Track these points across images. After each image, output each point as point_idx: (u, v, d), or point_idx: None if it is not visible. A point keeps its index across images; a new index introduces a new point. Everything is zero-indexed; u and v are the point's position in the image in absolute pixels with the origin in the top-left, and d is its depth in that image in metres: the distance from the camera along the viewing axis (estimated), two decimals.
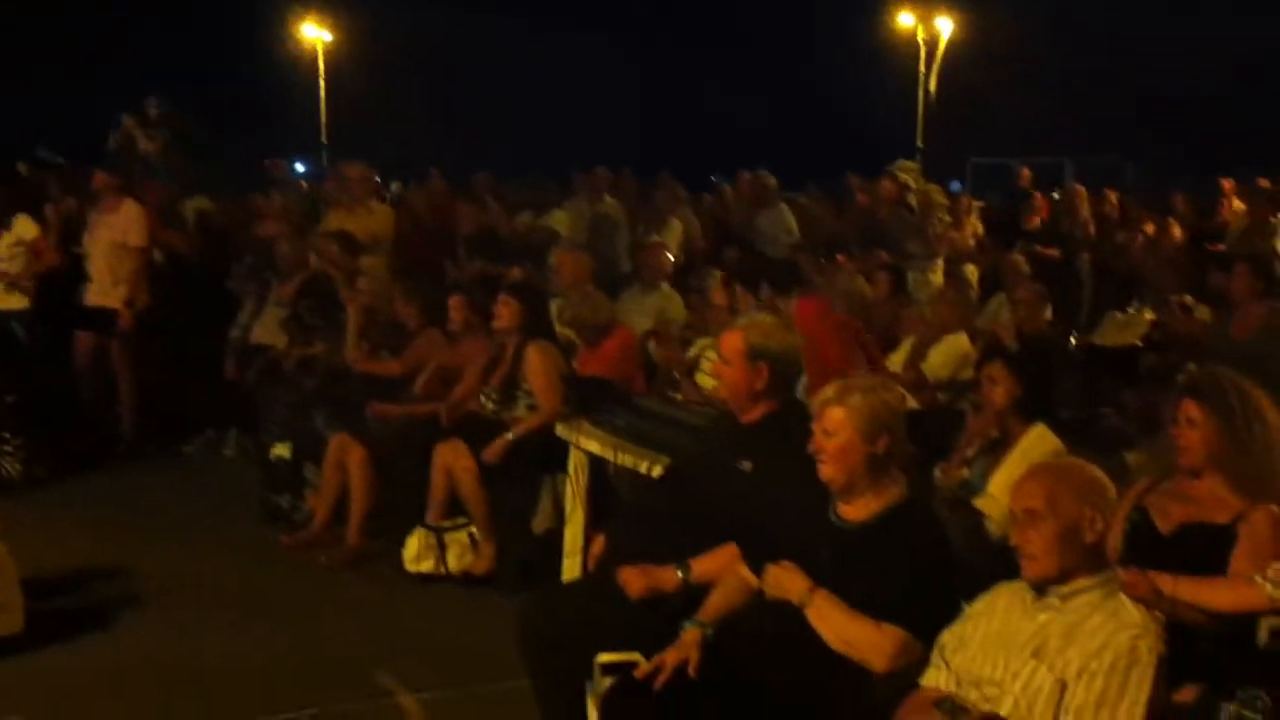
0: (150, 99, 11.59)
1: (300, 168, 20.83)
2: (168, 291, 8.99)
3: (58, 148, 11.46)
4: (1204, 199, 12.32)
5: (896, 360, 7.38)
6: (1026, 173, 12.74)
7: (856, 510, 3.66)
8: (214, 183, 11.36)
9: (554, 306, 7.68)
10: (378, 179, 9.74)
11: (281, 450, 7.38)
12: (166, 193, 10.29)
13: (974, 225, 11.74)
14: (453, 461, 6.40)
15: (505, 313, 6.64)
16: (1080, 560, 3.10)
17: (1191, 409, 3.85)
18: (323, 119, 22.87)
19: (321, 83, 22.88)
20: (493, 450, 6.31)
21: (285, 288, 8.63)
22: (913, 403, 5.68)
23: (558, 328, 7.34)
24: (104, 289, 8.62)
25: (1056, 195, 13.10)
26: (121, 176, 8.90)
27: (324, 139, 22.56)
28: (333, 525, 6.87)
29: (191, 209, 10.60)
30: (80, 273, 8.79)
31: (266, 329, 8.72)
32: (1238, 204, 11.96)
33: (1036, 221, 11.98)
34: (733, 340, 4.32)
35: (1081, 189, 12.27)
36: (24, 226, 8.62)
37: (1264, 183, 12.09)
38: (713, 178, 13.47)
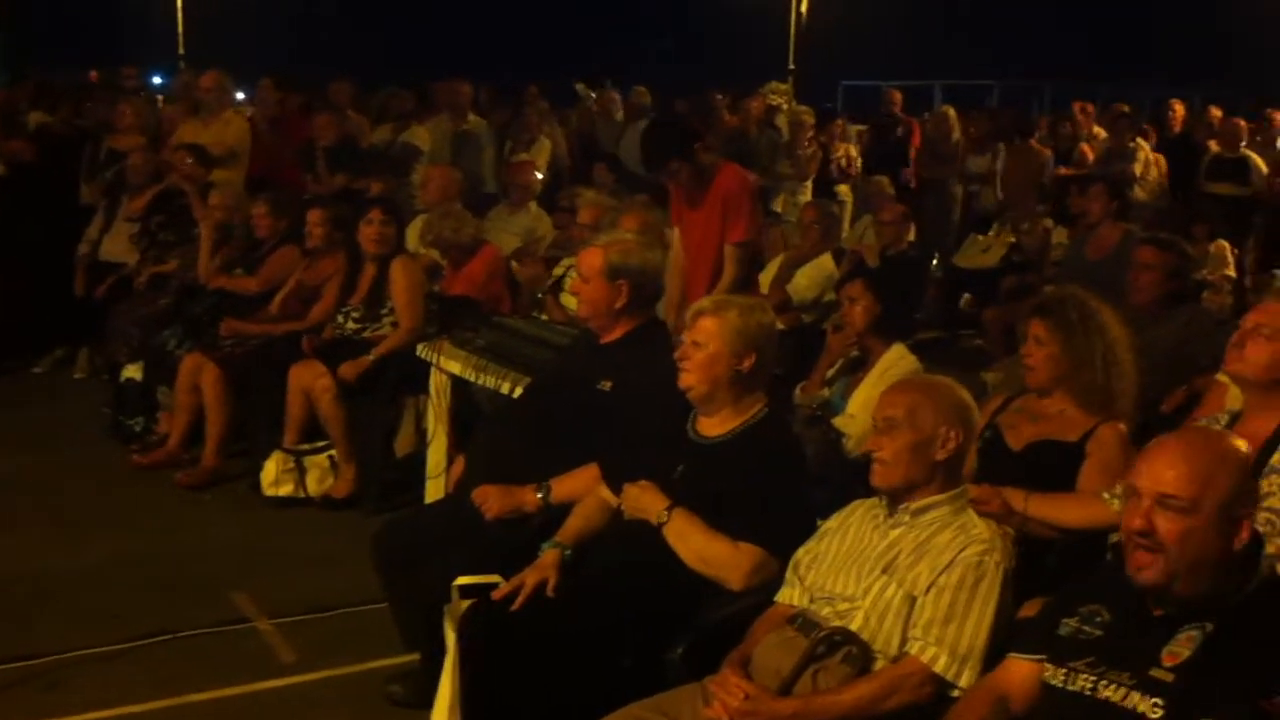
0: None
1: (157, 80, 20.04)
2: (10, 204, 8.60)
3: None
4: (1064, 123, 12.53)
5: (764, 280, 7.39)
6: (897, 95, 12.82)
7: (715, 426, 3.67)
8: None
9: (419, 224, 7.54)
10: (231, 88, 9.34)
11: (132, 372, 7.15)
12: (8, 100, 9.82)
13: (847, 148, 11.79)
14: (311, 382, 6.25)
15: (390, 232, 6.48)
16: (928, 474, 3.13)
17: (1038, 327, 3.92)
18: (179, 29, 21.96)
19: None
20: (351, 368, 6.18)
21: (136, 202, 8.32)
22: (779, 324, 5.71)
23: (421, 248, 7.21)
24: None
25: (927, 117, 13.22)
26: None
27: (180, 50, 21.69)
28: (189, 446, 6.70)
29: (32, 121, 10.13)
30: None
31: (117, 245, 8.41)
32: (1097, 129, 12.20)
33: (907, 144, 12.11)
34: (592, 258, 4.26)
35: (951, 111, 12.38)
36: None
37: (1122, 107, 12.35)
38: (577, 88, 13.23)
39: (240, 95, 13.06)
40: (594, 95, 12.73)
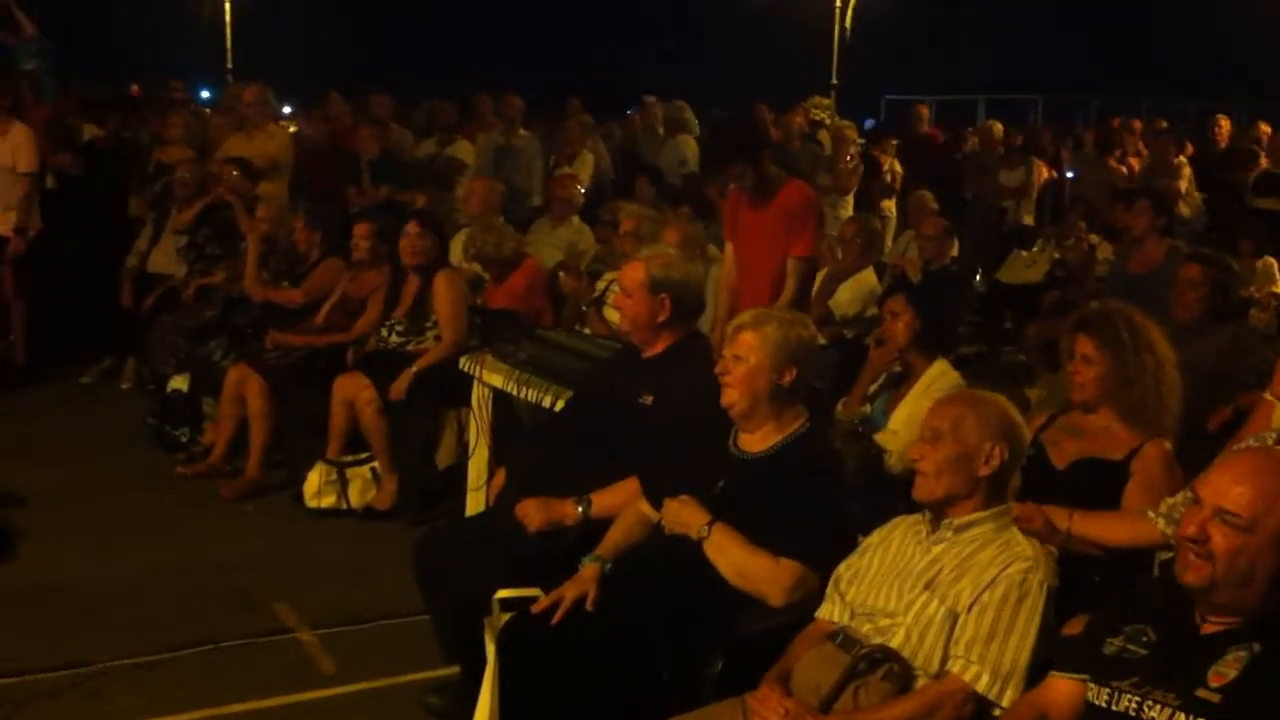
0: (21, 10, 11.17)
1: (206, 94, 20.27)
2: (60, 217, 8.71)
3: None
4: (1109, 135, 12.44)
5: None
6: (924, 111, 12.82)
7: (756, 441, 3.66)
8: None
9: (463, 237, 7.58)
10: (275, 101, 9.42)
11: (179, 383, 7.23)
12: (57, 114, 9.95)
13: (891, 162, 11.75)
14: (354, 394, 6.30)
15: (427, 245, 6.52)
16: (969, 489, 3.11)
17: (1084, 344, 3.89)
18: (228, 44, 22.21)
19: (227, 6, 22.21)
20: (398, 386, 6.21)
21: (183, 214, 8.41)
22: (820, 338, 5.69)
23: (464, 261, 7.24)
24: None
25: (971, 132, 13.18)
26: (8, 95, 8.55)
27: (229, 64, 21.93)
28: (232, 457, 6.76)
29: (86, 133, 10.26)
30: None
31: (164, 257, 8.51)
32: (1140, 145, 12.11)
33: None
34: (634, 272, 4.27)
35: (998, 126, 12.31)
36: None
37: (1161, 123, 12.26)
38: (629, 111, 13.29)
39: (287, 109, 13.20)
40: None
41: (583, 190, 9.54)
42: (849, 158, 11.14)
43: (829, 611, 3.24)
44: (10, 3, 10.80)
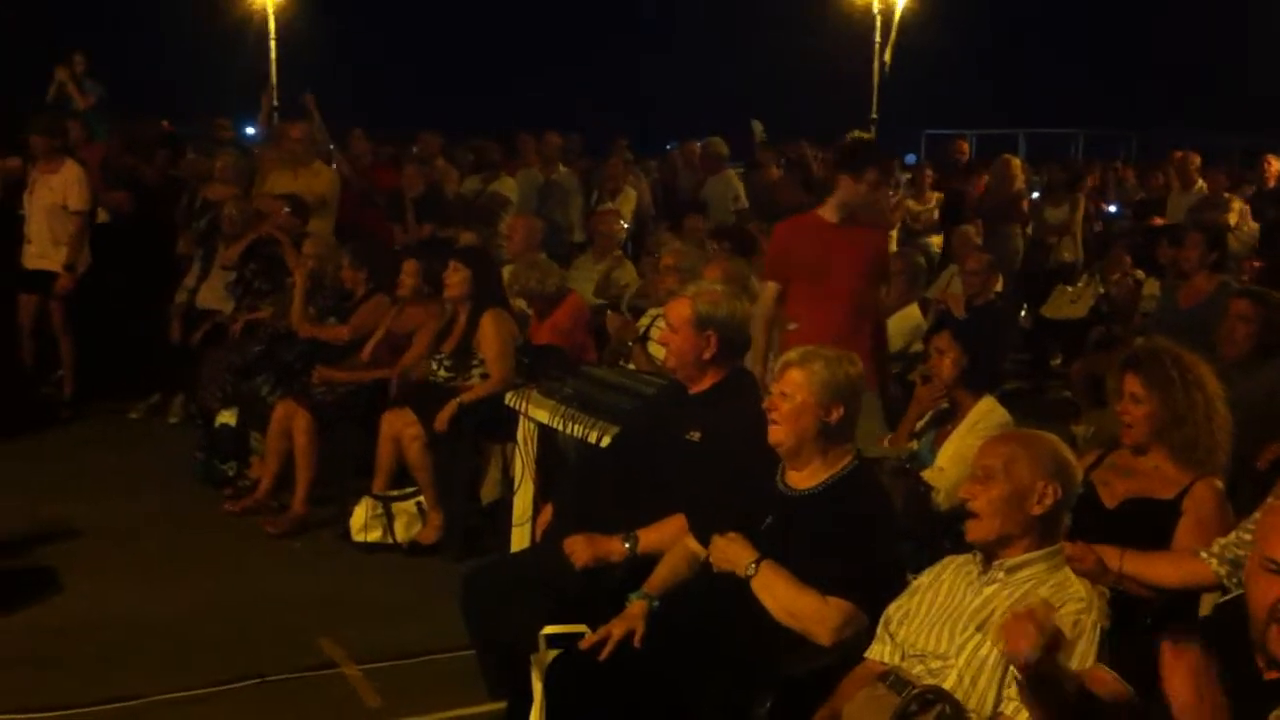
0: (77, 53, 11.39)
1: (251, 130, 20.47)
2: (111, 253, 8.83)
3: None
4: (1155, 172, 12.37)
5: None
6: (964, 145, 12.78)
7: (804, 479, 3.65)
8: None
9: (505, 274, 7.61)
10: (325, 138, 9.54)
11: (227, 417, 7.28)
12: (107, 152, 10.10)
13: (935, 196, 11.71)
14: (400, 430, 6.33)
15: (456, 280, 6.57)
16: (1022, 529, 3.09)
17: (1133, 383, 3.86)
18: (273, 80, 22.43)
19: (272, 44, 22.44)
20: (441, 418, 6.24)
21: (231, 250, 8.50)
22: None
23: (509, 298, 7.28)
24: (44, 251, 8.46)
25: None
26: (61, 135, 8.69)
27: (275, 101, 22.17)
28: (278, 492, 6.80)
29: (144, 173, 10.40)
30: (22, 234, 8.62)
31: (212, 292, 8.60)
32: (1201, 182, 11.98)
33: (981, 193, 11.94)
34: (680, 308, 4.28)
35: (1014, 160, 12.18)
36: None
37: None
38: (668, 146, 13.38)
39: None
40: (764, 131, 12.73)
41: (625, 226, 9.59)
42: (890, 193, 11.11)
43: (879, 652, 3.23)
44: (69, 80, 11.06)
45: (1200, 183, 11.44)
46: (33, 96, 11.46)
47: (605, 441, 4.93)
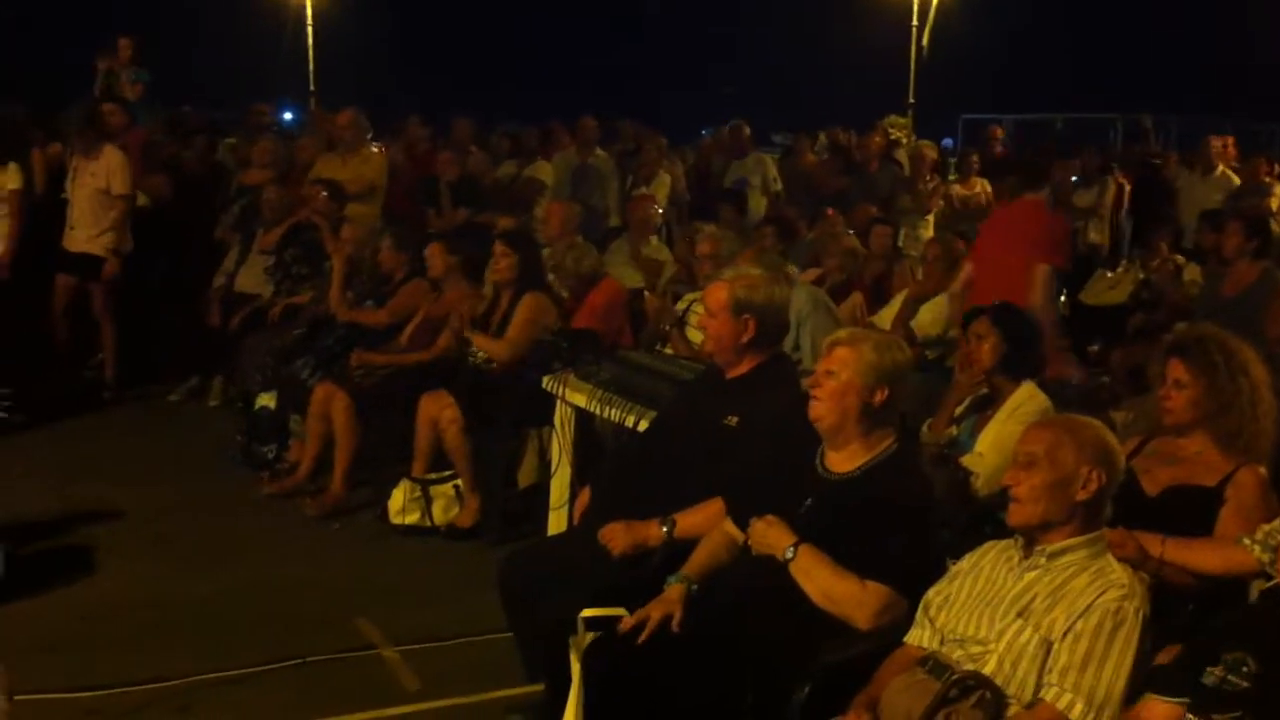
0: (122, 40, 11.47)
1: (289, 116, 20.60)
2: (151, 237, 8.89)
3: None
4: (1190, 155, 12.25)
5: (886, 316, 7.34)
6: (999, 131, 12.69)
7: (843, 461, 3.64)
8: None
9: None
10: (366, 125, 9.57)
11: (266, 400, 7.34)
12: (150, 138, 10.17)
13: (980, 181, 11.62)
14: (438, 413, 6.36)
15: (505, 264, 6.60)
16: (1065, 514, 3.07)
17: (1177, 369, 3.82)
18: (311, 66, 22.53)
19: (310, 29, 22.53)
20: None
21: (270, 235, 8.55)
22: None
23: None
24: (87, 236, 8.51)
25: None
26: (99, 123, 8.74)
27: (312, 86, 22.26)
28: (316, 474, 6.84)
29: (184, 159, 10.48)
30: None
31: (251, 277, 8.66)
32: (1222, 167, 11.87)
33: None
34: (718, 293, 4.27)
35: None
36: (8, 176, 8.43)
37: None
38: (703, 132, 13.39)
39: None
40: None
41: (660, 211, 9.58)
42: (928, 177, 11.06)
43: (918, 637, 3.22)
44: (117, 69, 11.16)
45: (1221, 168, 11.33)
46: (76, 83, 11.53)
47: (643, 426, 4.93)
